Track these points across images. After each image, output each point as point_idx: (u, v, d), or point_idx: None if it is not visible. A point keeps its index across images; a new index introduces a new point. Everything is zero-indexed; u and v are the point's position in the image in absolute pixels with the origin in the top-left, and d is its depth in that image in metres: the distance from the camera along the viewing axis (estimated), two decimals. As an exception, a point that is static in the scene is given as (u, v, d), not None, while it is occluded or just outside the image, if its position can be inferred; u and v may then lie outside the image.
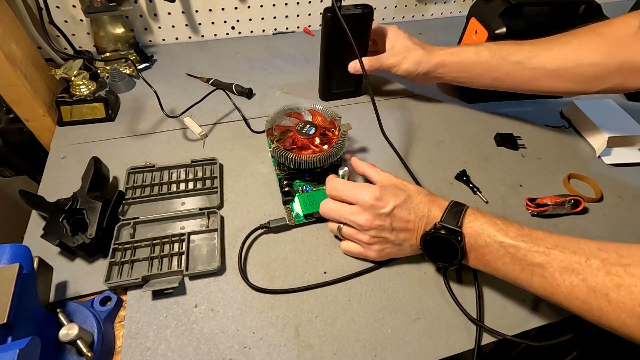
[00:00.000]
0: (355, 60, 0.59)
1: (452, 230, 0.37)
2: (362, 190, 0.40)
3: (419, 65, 0.57)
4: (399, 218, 0.39)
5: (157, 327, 0.38)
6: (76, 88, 0.57)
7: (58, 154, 0.54)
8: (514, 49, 0.52)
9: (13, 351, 0.26)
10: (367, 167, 0.46)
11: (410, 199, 0.40)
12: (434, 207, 0.39)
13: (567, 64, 0.48)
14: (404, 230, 0.40)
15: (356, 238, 0.42)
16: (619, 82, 0.46)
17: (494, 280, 0.40)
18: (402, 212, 0.39)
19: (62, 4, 0.66)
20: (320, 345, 0.38)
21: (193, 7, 0.74)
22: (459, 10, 0.92)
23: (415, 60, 0.57)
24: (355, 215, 0.40)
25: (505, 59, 0.52)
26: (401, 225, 0.39)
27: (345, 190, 0.42)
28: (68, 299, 0.40)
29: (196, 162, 0.51)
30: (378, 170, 0.45)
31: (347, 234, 0.43)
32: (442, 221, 0.38)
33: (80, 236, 0.41)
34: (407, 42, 0.58)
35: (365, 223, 0.39)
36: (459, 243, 0.37)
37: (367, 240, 0.41)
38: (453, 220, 0.38)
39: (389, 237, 0.40)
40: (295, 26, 0.83)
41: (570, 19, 0.60)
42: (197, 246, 0.44)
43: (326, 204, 0.44)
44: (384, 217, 0.39)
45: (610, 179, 0.56)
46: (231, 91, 0.66)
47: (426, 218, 0.39)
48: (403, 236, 0.40)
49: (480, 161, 0.57)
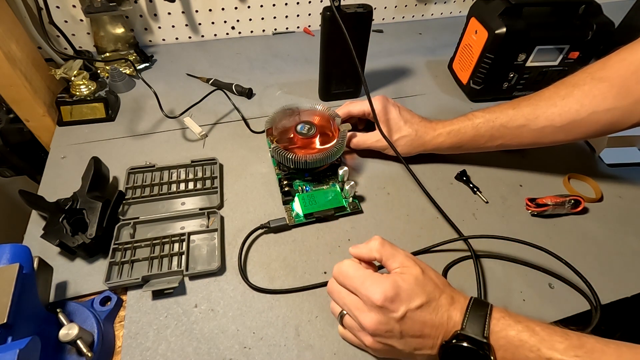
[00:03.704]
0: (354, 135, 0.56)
1: (477, 342, 0.30)
2: (372, 284, 0.32)
3: (412, 149, 0.53)
4: (412, 325, 0.32)
5: (157, 327, 0.38)
6: (76, 88, 0.57)
7: (58, 154, 0.54)
8: (511, 114, 0.49)
9: (13, 351, 0.26)
10: (375, 250, 0.36)
11: (428, 304, 0.32)
12: (454, 311, 0.32)
13: (578, 116, 0.45)
14: (417, 338, 0.32)
15: (357, 336, 0.35)
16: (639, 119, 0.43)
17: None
18: (417, 317, 0.32)
19: (62, 4, 0.66)
20: (320, 345, 0.38)
21: (193, 7, 0.74)
22: (459, 10, 0.92)
23: (408, 145, 0.52)
24: (359, 311, 0.33)
25: (506, 127, 0.49)
26: (414, 332, 0.32)
27: (352, 280, 0.34)
28: (68, 299, 0.40)
29: (196, 162, 0.51)
30: (394, 251, 0.35)
31: (349, 326, 0.36)
32: (463, 329, 0.31)
33: (80, 236, 0.41)
34: (398, 122, 0.52)
35: (369, 326, 0.32)
36: (489, 359, 0.30)
37: (369, 344, 0.34)
38: (477, 328, 0.30)
39: (396, 346, 0.33)
40: (295, 26, 0.83)
41: (570, 19, 0.60)
42: (197, 246, 0.44)
43: (332, 284, 0.36)
44: (394, 323, 0.32)
45: (610, 179, 0.56)
46: (231, 91, 0.66)
47: (445, 326, 0.32)
48: (415, 345, 0.32)
49: (480, 161, 0.57)
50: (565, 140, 0.48)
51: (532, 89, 0.52)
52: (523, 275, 0.44)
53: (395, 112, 0.53)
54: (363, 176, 0.54)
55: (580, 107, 0.45)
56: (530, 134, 0.48)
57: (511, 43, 0.59)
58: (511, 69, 0.63)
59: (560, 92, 0.47)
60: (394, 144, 0.52)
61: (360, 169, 0.55)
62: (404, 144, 0.53)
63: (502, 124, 0.49)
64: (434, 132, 0.52)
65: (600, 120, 0.44)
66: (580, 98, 0.45)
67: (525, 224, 0.49)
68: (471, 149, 0.53)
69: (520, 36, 0.58)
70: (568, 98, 0.46)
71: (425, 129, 0.52)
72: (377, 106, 0.52)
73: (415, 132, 0.52)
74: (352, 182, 0.48)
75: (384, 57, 0.77)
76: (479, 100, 0.68)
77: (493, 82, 0.65)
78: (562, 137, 0.48)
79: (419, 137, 0.52)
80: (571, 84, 0.46)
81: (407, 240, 0.47)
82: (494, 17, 0.59)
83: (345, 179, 0.48)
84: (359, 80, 0.65)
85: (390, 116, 0.52)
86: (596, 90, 0.44)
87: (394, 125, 0.52)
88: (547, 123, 0.47)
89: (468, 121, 0.51)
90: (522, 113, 0.48)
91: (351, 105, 0.55)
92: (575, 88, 0.46)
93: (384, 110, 0.52)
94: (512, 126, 0.49)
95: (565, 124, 0.46)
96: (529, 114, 0.48)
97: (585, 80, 0.45)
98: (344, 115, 0.55)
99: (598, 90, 0.44)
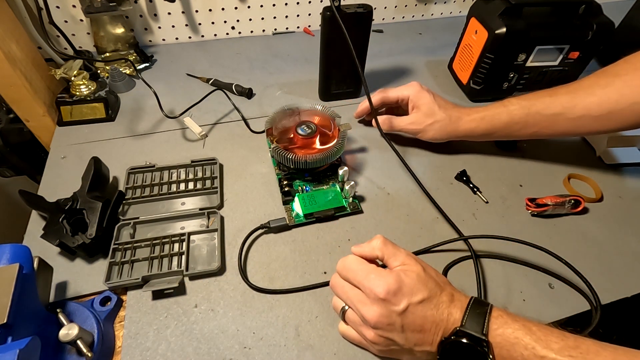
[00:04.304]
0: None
1: (476, 338, 0.30)
2: (376, 277, 0.33)
3: (444, 134, 0.53)
4: (413, 319, 0.32)
5: (157, 327, 0.38)
6: (76, 88, 0.57)
7: (58, 154, 0.54)
8: (548, 101, 0.48)
9: (13, 351, 0.26)
10: (377, 248, 0.36)
11: (429, 299, 0.33)
12: (454, 309, 0.33)
13: (617, 106, 0.44)
14: (417, 332, 0.32)
15: (359, 330, 0.35)
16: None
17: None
18: (418, 312, 0.32)
19: (62, 4, 0.66)
20: (320, 345, 0.38)
21: (193, 7, 0.74)
22: (459, 10, 0.92)
23: (441, 130, 0.53)
24: (362, 305, 0.33)
25: (541, 114, 0.48)
26: (415, 327, 0.32)
27: (356, 273, 0.35)
28: (68, 299, 0.40)
29: (196, 162, 0.51)
30: (395, 250, 0.36)
31: (350, 321, 0.36)
32: (463, 326, 0.31)
33: (80, 236, 0.41)
34: (432, 107, 0.52)
35: (372, 318, 0.32)
36: (488, 356, 0.30)
37: (371, 338, 0.34)
38: (477, 325, 0.31)
39: (397, 340, 0.33)
40: (295, 26, 0.83)
41: (570, 19, 0.60)
42: (197, 246, 0.44)
43: (336, 279, 0.37)
44: (395, 316, 0.32)
45: (610, 179, 0.56)
46: (231, 91, 0.66)
47: (445, 323, 0.32)
48: (415, 340, 0.33)
49: (480, 161, 0.57)
50: (600, 130, 0.47)
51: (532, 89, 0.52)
52: (523, 275, 0.44)
53: (430, 98, 0.53)
54: (363, 176, 0.54)
55: (620, 97, 0.44)
56: (566, 122, 0.48)
57: (511, 43, 0.59)
58: (511, 69, 0.63)
59: (600, 82, 0.46)
60: (427, 129, 0.53)
61: (360, 169, 0.55)
62: (437, 129, 0.53)
63: (538, 111, 0.49)
64: (468, 117, 0.52)
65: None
66: (621, 88, 0.44)
67: (525, 224, 0.49)
68: (503, 136, 0.53)
69: (520, 36, 0.58)
70: (608, 87, 0.45)
71: (459, 114, 0.53)
72: (412, 91, 0.54)
73: (449, 118, 0.52)
74: (352, 182, 0.48)
75: (384, 57, 0.77)
76: (479, 100, 0.68)
77: (493, 82, 0.65)
78: (597, 128, 0.47)
79: (452, 122, 0.52)
80: (612, 74, 0.45)
81: (407, 240, 0.47)
82: (494, 17, 0.59)
83: (345, 179, 0.48)
84: (359, 80, 0.65)
85: (423, 101, 0.53)
86: (638, 80, 0.43)
87: (428, 110, 0.53)
88: (584, 112, 0.46)
89: (503, 107, 0.51)
90: (559, 101, 0.48)
91: (390, 92, 0.56)
92: (616, 78, 0.45)
93: (418, 94, 0.53)
94: (548, 114, 0.48)
95: (603, 114, 0.45)
96: (566, 102, 0.47)
97: (627, 70, 0.44)
98: (378, 102, 0.56)
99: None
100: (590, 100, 0.46)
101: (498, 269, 0.45)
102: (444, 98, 0.55)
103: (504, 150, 0.58)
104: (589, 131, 0.48)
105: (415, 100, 0.53)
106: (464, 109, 0.54)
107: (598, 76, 0.47)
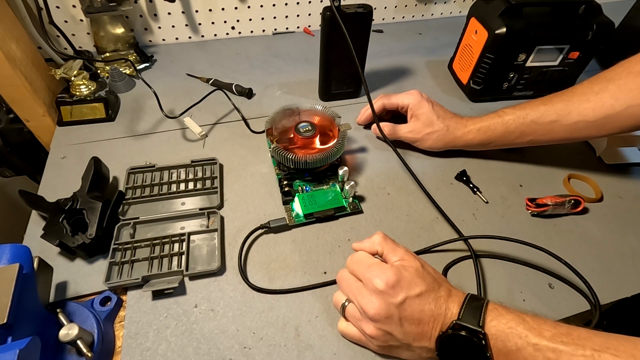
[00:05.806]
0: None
1: (473, 331, 0.31)
2: (376, 270, 0.34)
3: (442, 144, 0.54)
4: (411, 313, 0.33)
5: (157, 327, 0.38)
6: (76, 88, 0.57)
7: (58, 154, 0.54)
8: (543, 110, 0.49)
9: (13, 351, 0.26)
10: (377, 243, 0.38)
11: (427, 293, 0.33)
12: (451, 303, 0.33)
13: (612, 111, 0.45)
14: (415, 326, 0.33)
15: (358, 325, 0.36)
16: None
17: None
18: (416, 305, 0.33)
19: (62, 4, 0.66)
20: (320, 345, 0.38)
21: (193, 7, 0.74)
22: (459, 10, 0.92)
23: (439, 140, 0.54)
24: (363, 296, 0.34)
25: (537, 122, 0.49)
26: (412, 320, 0.33)
27: (360, 265, 0.36)
28: (68, 299, 0.40)
29: (196, 162, 0.51)
30: (394, 246, 0.37)
31: (350, 315, 0.36)
32: (460, 319, 0.32)
33: (80, 236, 0.41)
34: (430, 117, 0.53)
35: (370, 310, 0.33)
36: (485, 348, 0.30)
37: (370, 332, 0.34)
38: (473, 318, 0.31)
39: (395, 334, 0.33)
40: (295, 26, 0.83)
41: (570, 19, 0.60)
42: (197, 246, 0.44)
43: (343, 272, 0.38)
44: (393, 308, 0.33)
45: (610, 179, 0.56)
46: (231, 91, 0.66)
47: (443, 317, 0.33)
48: (413, 334, 0.33)
49: (480, 161, 0.57)
50: (598, 135, 0.48)
51: (532, 89, 0.52)
52: (523, 275, 0.44)
53: (429, 107, 0.54)
54: (363, 176, 0.54)
55: (615, 102, 0.44)
56: (562, 129, 0.48)
57: (511, 43, 0.59)
58: (511, 69, 0.63)
59: (594, 88, 0.46)
60: (425, 138, 0.54)
61: (360, 169, 0.55)
62: (435, 139, 0.54)
63: (533, 120, 0.49)
64: (465, 128, 0.53)
65: (636, 114, 0.44)
66: (615, 92, 0.44)
67: (525, 224, 0.49)
68: (501, 145, 0.53)
69: (520, 36, 0.58)
70: (602, 93, 0.45)
71: (456, 125, 0.53)
72: (411, 100, 0.54)
73: (446, 128, 0.53)
74: (352, 182, 0.48)
75: (384, 57, 0.77)
76: (479, 101, 0.68)
77: (493, 82, 0.65)
78: (594, 132, 0.48)
79: (450, 132, 0.53)
80: (606, 79, 0.46)
81: (407, 240, 0.47)
82: (494, 17, 0.59)
83: (345, 179, 0.48)
84: (359, 80, 0.65)
85: (422, 111, 0.54)
86: (632, 84, 0.44)
87: (426, 120, 0.53)
88: (579, 118, 0.47)
89: (498, 118, 0.52)
90: (554, 109, 0.48)
91: (391, 98, 0.57)
92: (610, 83, 0.45)
93: (417, 104, 0.54)
94: (543, 122, 0.49)
95: (598, 119, 0.46)
96: (561, 110, 0.48)
97: (620, 74, 0.45)
98: (379, 108, 0.57)
99: (634, 84, 0.43)
100: (585, 107, 0.46)
101: (498, 269, 0.45)
102: (443, 107, 0.55)
103: (504, 151, 0.58)
104: (587, 136, 0.49)
105: (414, 109, 0.54)
106: (462, 119, 0.54)
107: (592, 82, 0.47)
